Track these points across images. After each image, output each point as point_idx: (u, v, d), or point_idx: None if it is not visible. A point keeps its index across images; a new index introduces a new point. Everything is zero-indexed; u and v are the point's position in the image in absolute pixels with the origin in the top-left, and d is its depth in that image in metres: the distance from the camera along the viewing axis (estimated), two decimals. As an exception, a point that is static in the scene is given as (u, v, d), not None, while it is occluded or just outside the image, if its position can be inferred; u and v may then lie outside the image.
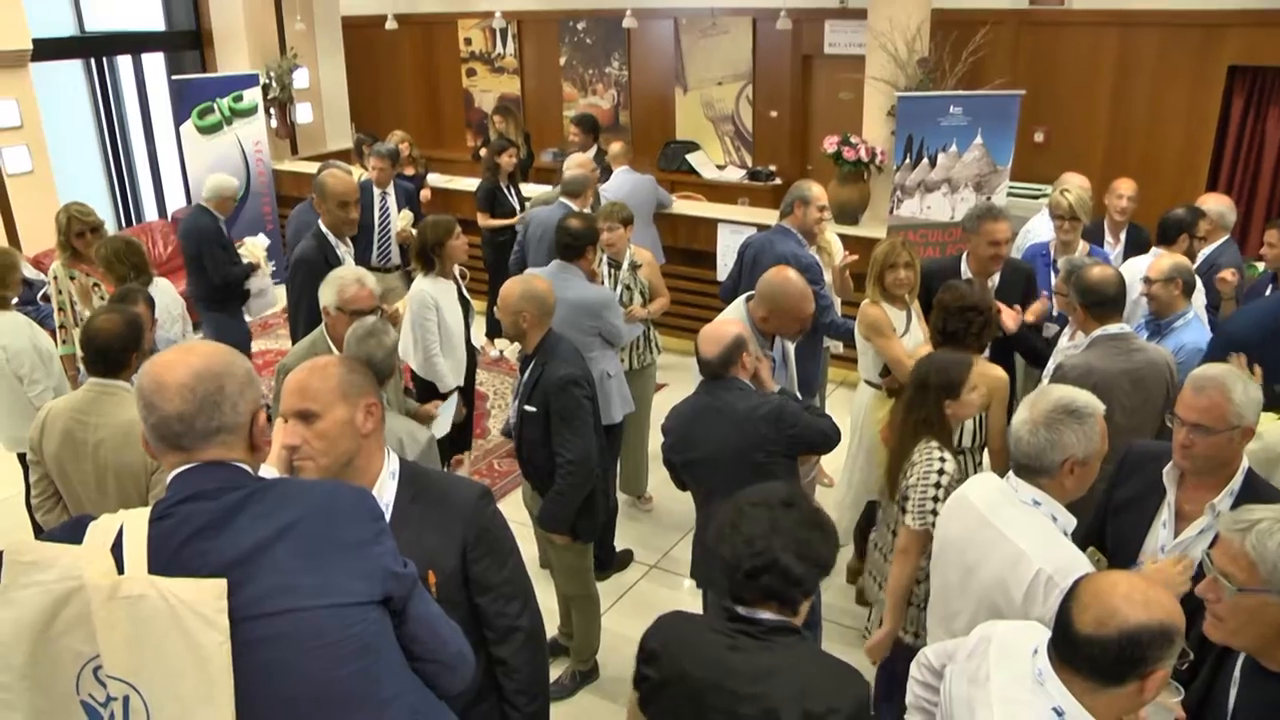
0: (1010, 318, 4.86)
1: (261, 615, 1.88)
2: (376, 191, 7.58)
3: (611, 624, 5.24)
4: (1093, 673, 2.02)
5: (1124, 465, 3.30)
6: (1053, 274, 5.57)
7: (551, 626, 4.98)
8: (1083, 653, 2.02)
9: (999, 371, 4.34)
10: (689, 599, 4.38)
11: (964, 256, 5.34)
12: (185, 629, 1.82)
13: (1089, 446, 2.78)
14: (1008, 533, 2.79)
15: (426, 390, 5.75)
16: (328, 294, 4.43)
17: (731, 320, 4.07)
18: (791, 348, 4.75)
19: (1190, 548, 3.00)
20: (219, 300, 6.95)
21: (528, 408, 4.32)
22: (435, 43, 13.43)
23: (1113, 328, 4.14)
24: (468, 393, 5.78)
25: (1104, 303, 4.16)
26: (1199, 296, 5.09)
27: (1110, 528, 3.25)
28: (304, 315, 5.30)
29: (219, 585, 1.83)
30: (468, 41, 13.03)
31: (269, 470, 2.35)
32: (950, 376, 3.66)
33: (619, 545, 5.84)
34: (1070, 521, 2.84)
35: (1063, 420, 2.76)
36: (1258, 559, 2.16)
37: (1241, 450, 2.98)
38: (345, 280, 4.43)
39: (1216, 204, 6.01)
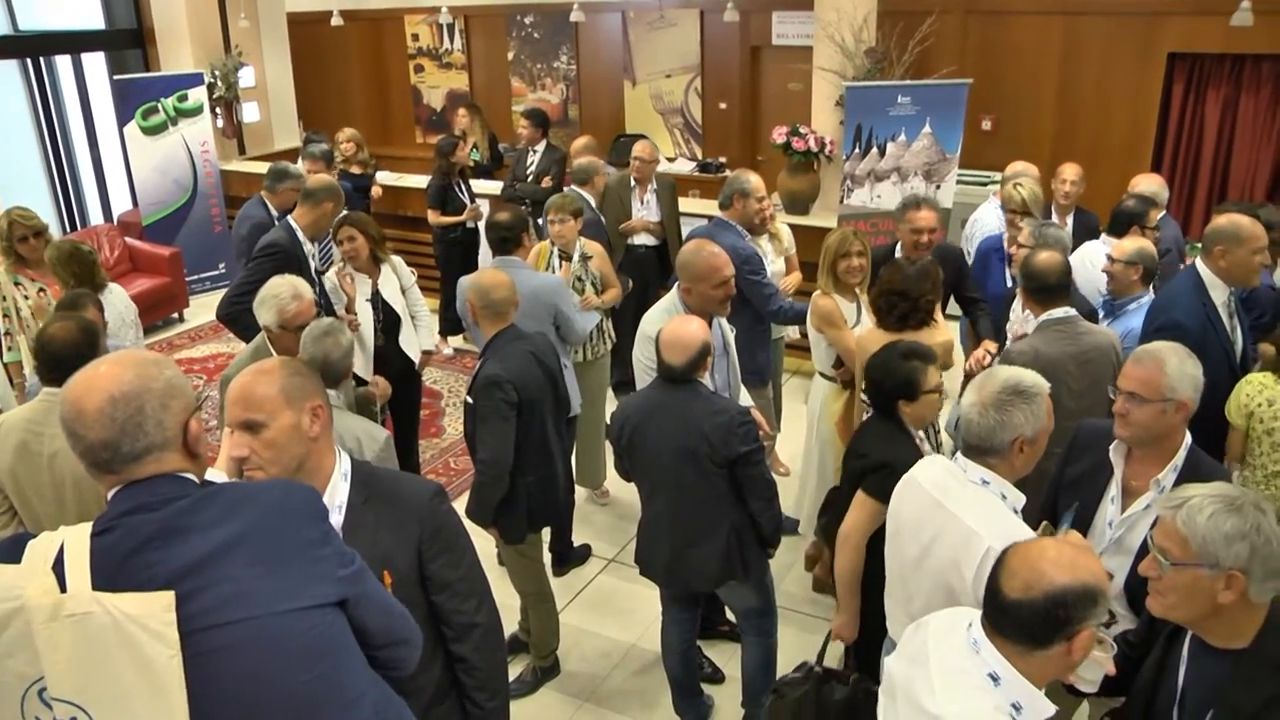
0: (975, 360, 4.91)
1: (217, 625, 1.85)
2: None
3: (571, 619, 5.26)
4: (1022, 636, 2.08)
5: (1075, 443, 3.37)
6: (1007, 268, 5.62)
7: (512, 623, 4.96)
8: (1011, 617, 2.08)
9: (944, 336, 4.45)
10: (649, 591, 4.39)
11: (898, 245, 5.44)
12: (133, 644, 1.78)
13: (1037, 425, 2.84)
14: (958, 513, 2.83)
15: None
16: (266, 314, 4.35)
17: (688, 317, 4.06)
18: (731, 335, 4.74)
19: (1137, 522, 3.08)
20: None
21: (468, 400, 4.37)
22: (382, 39, 13.31)
23: (1058, 312, 4.21)
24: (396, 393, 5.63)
25: (1046, 289, 4.23)
26: None
27: (1062, 504, 3.31)
28: None
29: (166, 598, 1.80)
30: (415, 37, 12.93)
31: (218, 475, 2.32)
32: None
33: (577, 540, 5.83)
34: (1019, 499, 2.90)
35: (1011, 401, 2.81)
36: (1189, 534, 2.22)
37: (1179, 425, 3.05)
38: (282, 299, 4.34)
39: (1149, 184, 6.16)
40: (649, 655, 4.90)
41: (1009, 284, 5.55)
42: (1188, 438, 3.09)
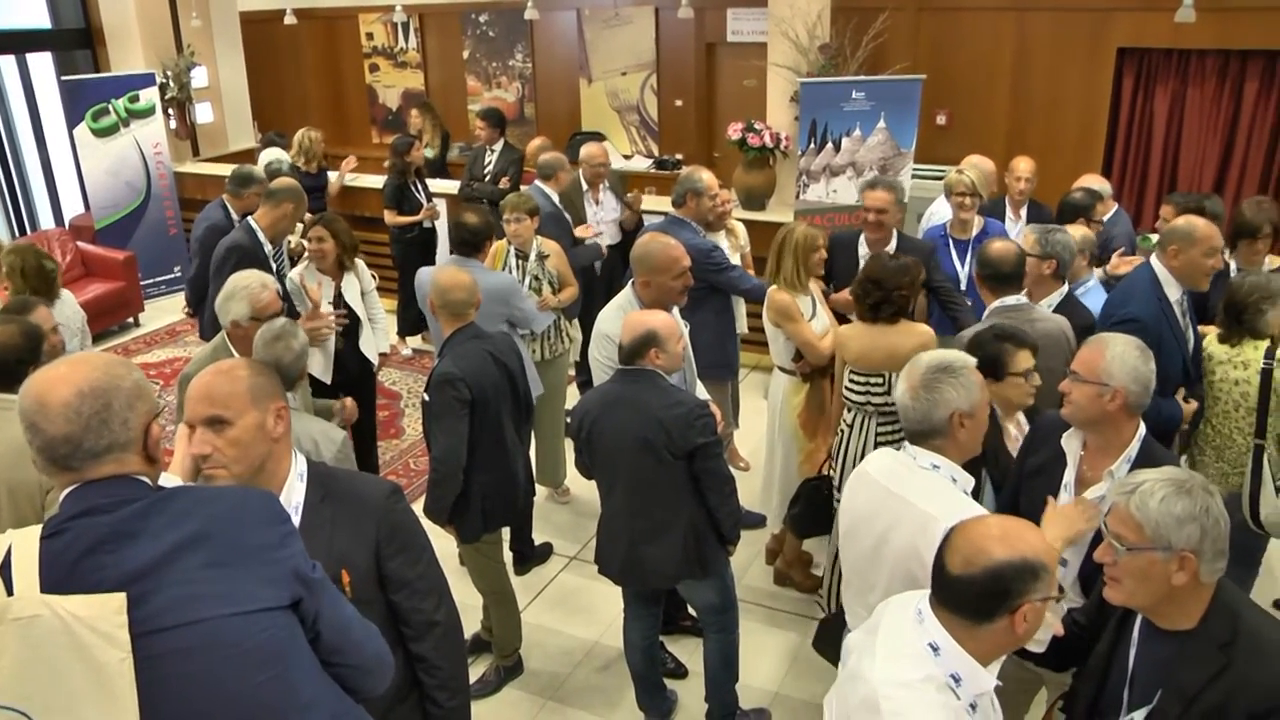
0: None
1: (169, 628, 1.84)
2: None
3: (533, 617, 5.25)
4: (965, 610, 2.13)
5: (1035, 434, 3.45)
6: (954, 253, 5.69)
7: (474, 624, 4.97)
8: (954, 591, 2.14)
9: (922, 328, 4.53)
10: (611, 589, 4.39)
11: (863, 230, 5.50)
12: (83, 648, 1.77)
13: (970, 397, 2.91)
14: (913, 499, 2.88)
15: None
16: (239, 306, 4.31)
17: (652, 311, 4.08)
18: (686, 328, 4.74)
19: None
20: None
21: (425, 397, 4.36)
22: (337, 38, 13.22)
23: (1010, 299, 4.28)
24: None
25: (999, 276, 4.30)
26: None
27: (1023, 495, 3.37)
28: None
29: (118, 600, 1.78)
30: (369, 36, 12.85)
31: (171, 479, 2.29)
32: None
33: (538, 538, 5.82)
34: (969, 481, 2.97)
35: (939, 379, 2.90)
36: (1142, 519, 2.27)
37: (1117, 414, 3.08)
38: (253, 289, 4.32)
39: (1090, 181, 6.38)
40: (612, 652, 4.91)
41: (956, 269, 5.65)
42: (1141, 428, 3.13)
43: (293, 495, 2.50)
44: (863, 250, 5.42)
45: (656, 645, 4.50)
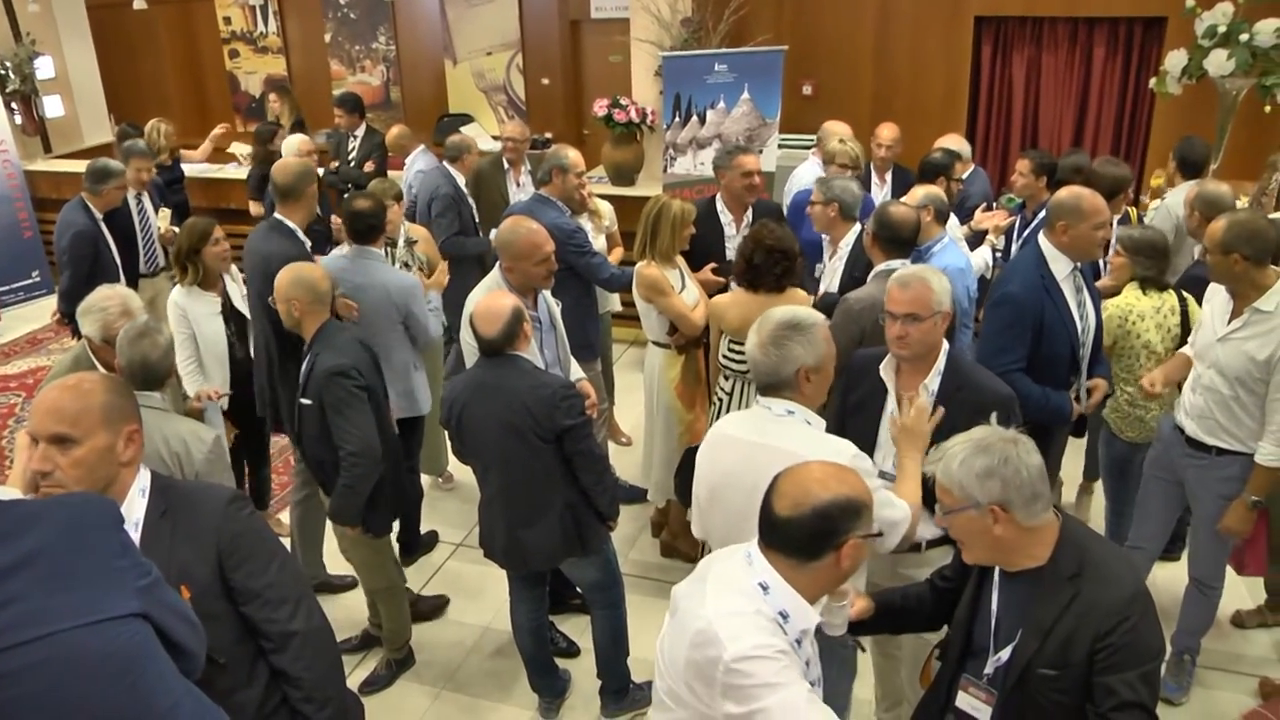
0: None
1: (11, 646, 1.77)
2: (131, 194, 6.98)
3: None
4: (792, 550, 2.25)
5: (850, 372, 3.62)
6: None
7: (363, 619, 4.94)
8: (783, 533, 2.25)
9: (802, 294, 4.60)
10: (498, 572, 4.37)
11: (717, 197, 5.51)
12: None
13: (817, 353, 3.03)
14: (778, 444, 2.96)
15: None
16: (91, 325, 4.09)
17: (501, 291, 4.05)
18: (557, 309, 4.75)
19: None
20: None
21: (304, 401, 4.19)
22: (193, 23, 12.69)
23: (895, 262, 4.33)
24: (249, 413, 5.29)
25: (896, 240, 4.39)
26: (957, 227, 5.60)
27: (849, 428, 3.50)
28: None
29: None
30: (227, 20, 12.41)
31: (10, 492, 2.20)
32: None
33: (424, 527, 5.78)
34: (821, 423, 3.12)
35: (788, 336, 3.01)
36: (948, 483, 2.46)
37: (942, 334, 3.37)
38: (110, 313, 4.07)
39: (949, 142, 6.60)
40: (503, 636, 4.89)
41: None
42: (945, 344, 3.41)
43: (133, 511, 2.41)
44: (724, 219, 5.45)
45: (545, 626, 4.50)
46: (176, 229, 7.17)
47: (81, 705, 1.83)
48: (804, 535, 2.23)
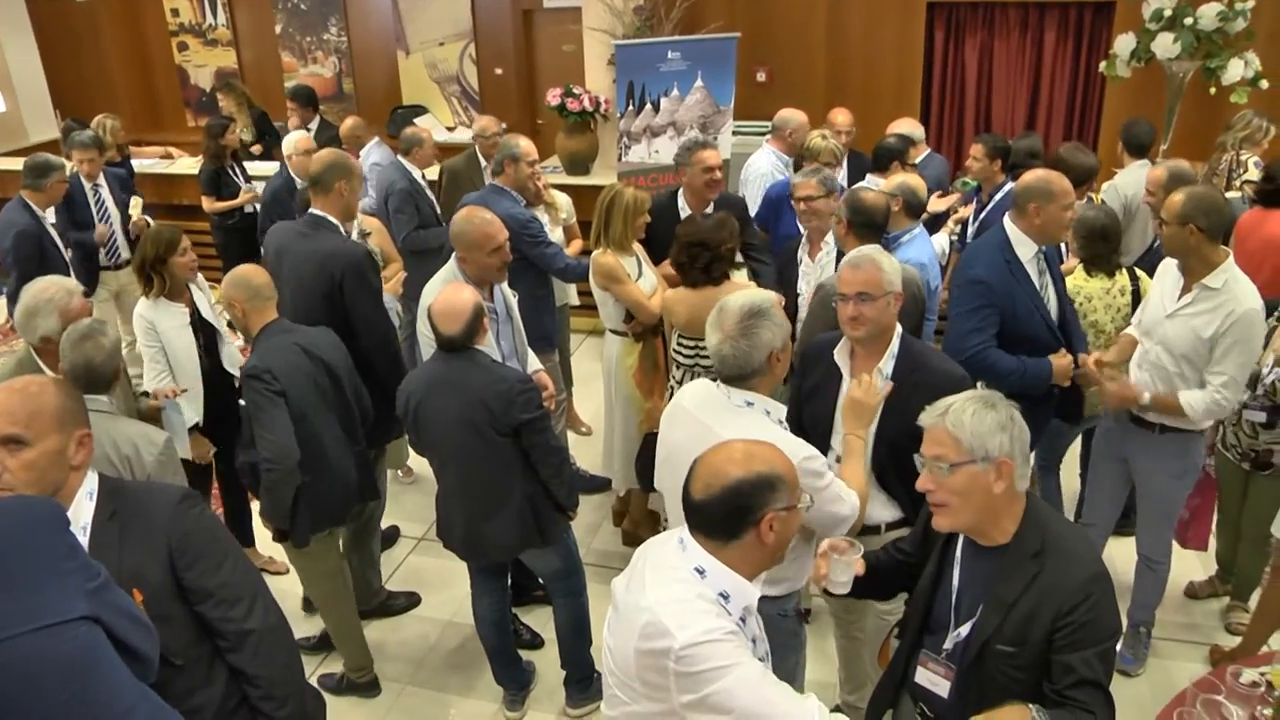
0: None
1: None
2: (87, 186, 6.96)
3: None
4: (712, 530, 2.26)
5: (805, 358, 3.66)
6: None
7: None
8: (702, 515, 2.26)
9: (745, 284, 4.62)
10: (460, 566, 4.35)
11: (679, 191, 5.48)
12: None
13: (781, 334, 3.06)
14: (726, 433, 2.92)
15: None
16: (47, 322, 3.94)
17: (460, 285, 4.02)
18: (514, 300, 4.73)
19: None
20: None
21: (242, 402, 4.13)
22: (139, 16, 12.44)
23: (867, 249, 4.30)
24: (220, 427, 5.01)
25: (869, 225, 4.42)
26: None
27: (805, 414, 3.57)
28: None
29: None
30: (175, 13, 12.21)
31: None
32: None
33: (385, 522, 5.67)
34: (781, 410, 3.13)
35: (755, 324, 3.01)
36: (959, 435, 2.43)
37: (895, 315, 3.39)
38: (58, 300, 3.96)
39: (905, 125, 6.65)
40: (466, 630, 4.86)
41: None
42: (898, 327, 3.44)
43: (80, 515, 2.37)
44: (684, 211, 5.44)
45: (507, 618, 4.49)
46: (150, 218, 7.12)
47: (32, 712, 1.80)
48: (719, 515, 2.23)
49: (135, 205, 7.11)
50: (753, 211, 6.02)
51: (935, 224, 6.10)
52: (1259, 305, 3.87)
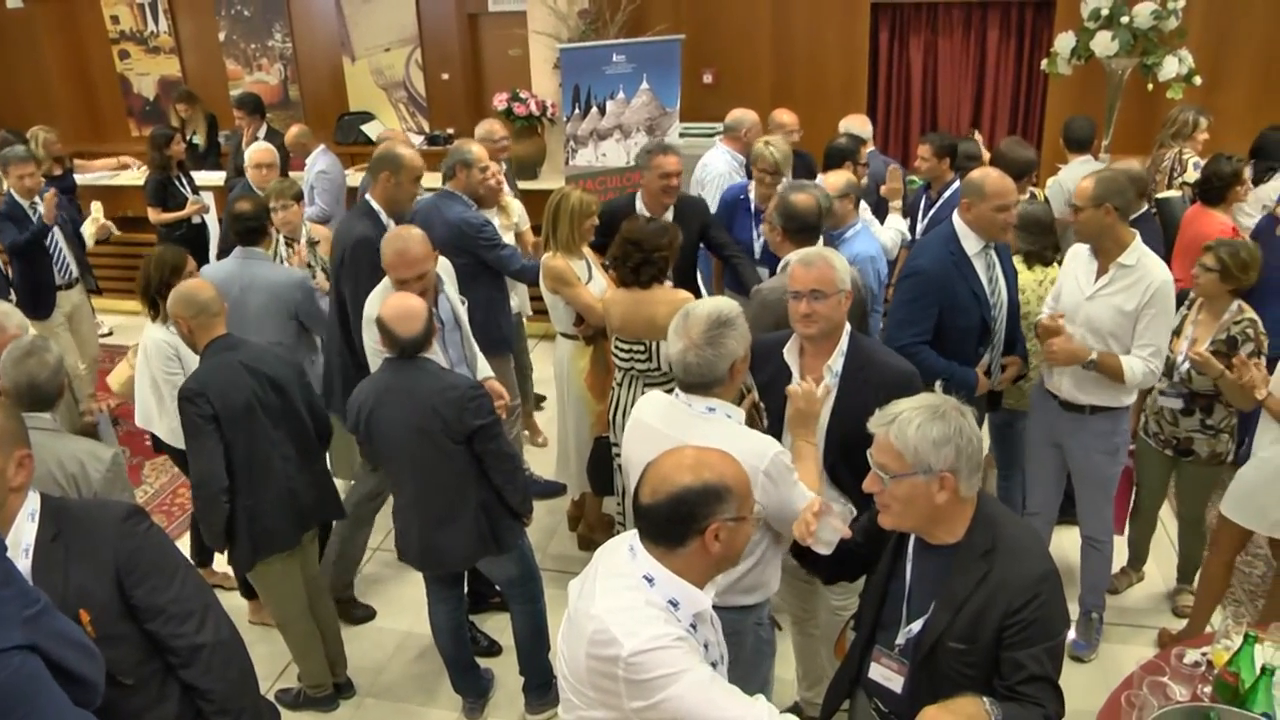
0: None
1: None
2: (26, 205, 6.66)
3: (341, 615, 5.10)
4: (659, 537, 2.25)
5: (753, 358, 3.56)
6: (752, 219, 5.72)
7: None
8: (648, 521, 2.25)
9: (682, 294, 4.55)
10: (417, 575, 4.34)
11: (638, 194, 5.49)
12: None
13: (745, 344, 3.06)
14: (694, 443, 2.91)
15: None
16: None
17: (404, 294, 3.99)
18: (462, 307, 4.70)
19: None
20: None
21: None
22: (77, 23, 12.17)
23: (817, 248, 4.33)
24: None
25: (804, 228, 4.43)
26: (866, 209, 5.64)
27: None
28: None
29: None
30: (115, 20, 11.98)
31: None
32: None
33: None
34: (740, 414, 3.12)
35: (721, 333, 2.99)
36: (901, 447, 2.43)
37: (845, 313, 3.45)
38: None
39: (854, 123, 6.73)
40: (424, 640, 4.81)
41: (755, 235, 5.69)
42: (847, 326, 3.49)
43: (22, 537, 2.33)
44: (642, 215, 5.41)
45: (464, 626, 4.47)
46: (112, 225, 6.98)
47: None
48: (662, 521, 2.22)
49: (97, 208, 6.95)
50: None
51: (881, 210, 6.15)
52: (1170, 276, 4.09)
